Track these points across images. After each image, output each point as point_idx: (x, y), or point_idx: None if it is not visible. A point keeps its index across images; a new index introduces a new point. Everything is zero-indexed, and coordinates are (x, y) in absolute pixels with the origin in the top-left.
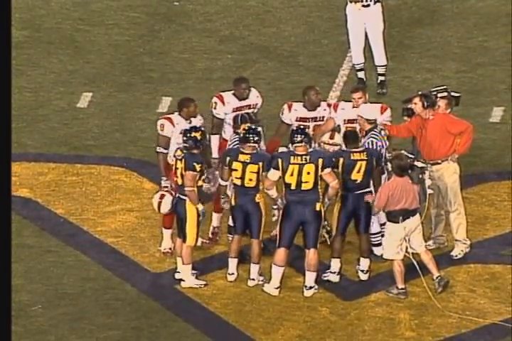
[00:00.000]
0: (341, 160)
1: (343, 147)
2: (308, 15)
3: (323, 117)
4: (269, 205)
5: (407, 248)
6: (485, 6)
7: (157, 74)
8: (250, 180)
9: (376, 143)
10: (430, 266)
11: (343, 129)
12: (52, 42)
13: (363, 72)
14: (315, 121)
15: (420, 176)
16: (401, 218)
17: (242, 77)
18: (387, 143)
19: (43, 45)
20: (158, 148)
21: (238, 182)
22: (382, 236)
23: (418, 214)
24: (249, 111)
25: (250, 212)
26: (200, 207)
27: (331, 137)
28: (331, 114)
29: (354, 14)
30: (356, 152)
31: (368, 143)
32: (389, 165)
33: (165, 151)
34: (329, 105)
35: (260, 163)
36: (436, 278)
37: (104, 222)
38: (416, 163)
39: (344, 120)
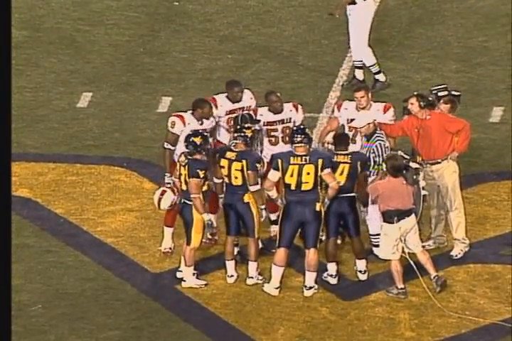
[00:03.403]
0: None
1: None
2: (308, 15)
3: (290, 119)
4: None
5: (403, 248)
6: (485, 5)
7: (157, 74)
8: (236, 177)
9: (384, 144)
10: (427, 266)
11: (347, 128)
12: (52, 42)
13: (361, 70)
14: (283, 124)
15: (414, 177)
16: (396, 218)
17: (235, 80)
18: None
19: (42, 45)
20: (166, 144)
21: (227, 179)
22: None
23: (413, 215)
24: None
25: (241, 213)
26: (207, 216)
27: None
28: (297, 113)
29: (350, 11)
30: (340, 154)
31: (377, 146)
32: (384, 165)
33: (172, 148)
34: (295, 106)
35: (244, 161)
36: (434, 277)
37: (104, 222)
38: (411, 163)
39: (347, 119)
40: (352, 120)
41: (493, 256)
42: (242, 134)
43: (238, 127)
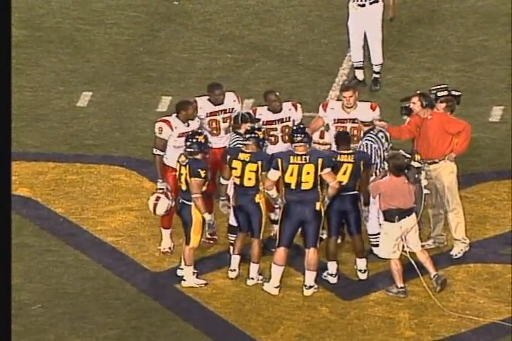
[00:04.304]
0: None
1: (333, 147)
2: (307, 14)
3: (289, 118)
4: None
5: (403, 247)
6: (484, 5)
7: (157, 74)
8: (249, 179)
9: (371, 145)
10: (427, 265)
11: (332, 129)
12: (52, 42)
13: (361, 70)
14: (282, 123)
15: (416, 176)
16: (397, 217)
17: (216, 82)
18: (388, 144)
19: (42, 45)
20: (154, 150)
21: (238, 181)
22: None
23: (414, 214)
24: (225, 115)
25: (251, 213)
26: (208, 216)
27: (321, 136)
28: (296, 112)
29: (353, 12)
30: (344, 154)
31: (363, 145)
32: (385, 164)
33: (161, 153)
34: (294, 105)
35: (259, 162)
36: (434, 276)
37: (103, 221)
38: (412, 162)
39: (334, 119)
40: (339, 120)
41: (492, 255)
42: (254, 135)
43: (249, 128)
